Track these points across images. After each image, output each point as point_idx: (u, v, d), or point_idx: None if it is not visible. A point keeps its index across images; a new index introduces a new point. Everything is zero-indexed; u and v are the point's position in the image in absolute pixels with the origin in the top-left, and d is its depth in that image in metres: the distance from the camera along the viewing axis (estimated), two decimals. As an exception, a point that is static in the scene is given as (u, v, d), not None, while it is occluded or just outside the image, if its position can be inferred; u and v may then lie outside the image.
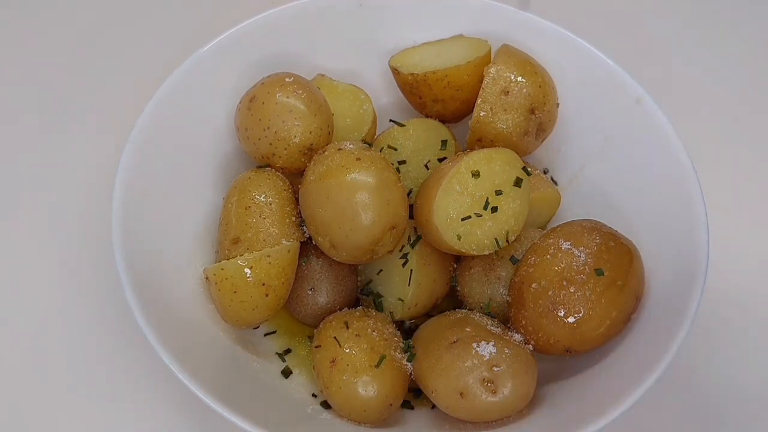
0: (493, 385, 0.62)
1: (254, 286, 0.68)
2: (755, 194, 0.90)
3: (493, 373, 0.62)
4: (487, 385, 0.62)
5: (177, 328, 0.66)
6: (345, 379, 0.65)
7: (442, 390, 0.63)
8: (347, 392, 0.65)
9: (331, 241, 0.67)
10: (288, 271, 0.70)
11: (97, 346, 0.77)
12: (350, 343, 0.67)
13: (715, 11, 1.06)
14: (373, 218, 0.65)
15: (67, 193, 0.86)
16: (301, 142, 0.72)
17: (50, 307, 0.79)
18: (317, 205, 0.67)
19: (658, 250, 0.70)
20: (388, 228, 0.66)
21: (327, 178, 0.66)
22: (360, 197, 0.65)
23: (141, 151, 0.71)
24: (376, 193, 0.65)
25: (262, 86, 0.74)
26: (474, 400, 0.62)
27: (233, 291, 0.68)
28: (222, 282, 0.68)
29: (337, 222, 0.66)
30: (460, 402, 0.62)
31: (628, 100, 0.76)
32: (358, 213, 0.65)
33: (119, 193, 0.68)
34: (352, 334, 0.67)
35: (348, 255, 0.68)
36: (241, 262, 0.67)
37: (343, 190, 0.65)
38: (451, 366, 0.63)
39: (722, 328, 0.78)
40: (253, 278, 0.67)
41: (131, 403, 0.74)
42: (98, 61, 0.97)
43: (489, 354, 0.62)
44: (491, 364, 0.62)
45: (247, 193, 0.71)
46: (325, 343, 0.68)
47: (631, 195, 0.76)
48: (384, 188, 0.66)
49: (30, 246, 0.83)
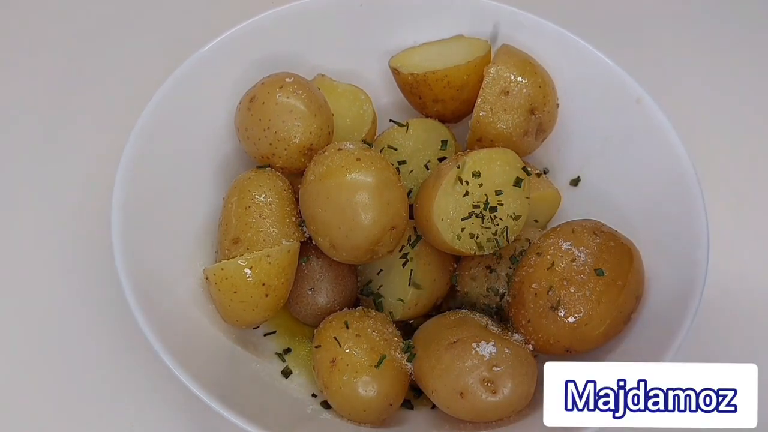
0: (493, 385, 0.61)
1: (254, 286, 0.68)
2: (755, 194, 0.90)
3: (493, 373, 0.62)
4: (487, 385, 0.62)
5: (177, 329, 0.66)
6: (345, 379, 0.65)
7: (442, 390, 0.63)
8: (347, 392, 0.65)
9: (331, 242, 0.67)
10: (288, 271, 0.70)
11: (97, 347, 0.77)
12: (350, 343, 0.67)
13: (715, 11, 1.06)
14: (372, 218, 0.65)
15: (66, 194, 0.86)
16: (301, 142, 0.72)
17: (50, 307, 0.79)
18: (317, 205, 0.67)
19: (658, 250, 0.70)
20: (388, 228, 0.66)
21: (327, 179, 0.66)
22: (360, 197, 0.65)
23: (141, 152, 0.71)
24: (375, 193, 0.65)
25: (262, 86, 0.74)
26: (474, 400, 0.62)
27: (233, 291, 0.68)
28: (222, 282, 0.68)
29: (336, 222, 0.66)
30: (460, 402, 0.62)
31: (628, 100, 0.76)
32: (358, 213, 0.65)
33: (119, 193, 0.68)
34: (352, 334, 0.67)
35: (348, 255, 0.68)
36: (241, 262, 0.67)
37: (342, 190, 0.65)
38: (451, 366, 0.63)
39: (723, 327, 0.78)
40: (253, 278, 0.67)
41: (132, 403, 0.74)
42: (98, 61, 0.98)
43: (489, 354, 0.62)
44: (491, 364, 0.62)
45: (246, 193, 0.71)
46: (325, 343, 0.68)
47: (631, 195, 0.76)
48: (384, 188, 0.66)
49: (29, 246, 0.83)
